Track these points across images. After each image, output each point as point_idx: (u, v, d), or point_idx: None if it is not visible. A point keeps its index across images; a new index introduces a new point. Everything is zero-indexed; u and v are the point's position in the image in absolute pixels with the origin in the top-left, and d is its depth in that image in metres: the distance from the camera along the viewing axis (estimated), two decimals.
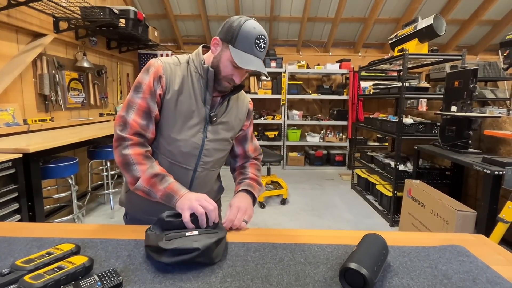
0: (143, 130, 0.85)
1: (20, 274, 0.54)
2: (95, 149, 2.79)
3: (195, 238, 0.67)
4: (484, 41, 4.98)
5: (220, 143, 0.97)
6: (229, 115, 0.98)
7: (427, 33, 2.64)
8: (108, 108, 3.96)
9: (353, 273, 0.55)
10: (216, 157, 0.97)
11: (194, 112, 0.89)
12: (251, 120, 1.08)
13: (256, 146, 1.11)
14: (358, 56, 5.23)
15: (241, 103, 1.03)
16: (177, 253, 0.62)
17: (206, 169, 0.96)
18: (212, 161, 0.96)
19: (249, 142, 1.09)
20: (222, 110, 0.96)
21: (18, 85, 2.50)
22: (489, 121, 2.33)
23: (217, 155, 0.97)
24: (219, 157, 0.99)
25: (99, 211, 3.07)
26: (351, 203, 3.38)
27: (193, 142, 0.90)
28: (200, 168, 0.94)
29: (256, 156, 1.12)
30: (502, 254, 0.72)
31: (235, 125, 1.01)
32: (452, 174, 2.62)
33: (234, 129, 1.01)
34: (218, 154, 0.98)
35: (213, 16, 4.71)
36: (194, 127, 0.90)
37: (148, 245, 0.66)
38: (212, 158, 0.96)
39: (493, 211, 1.75)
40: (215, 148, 0.95)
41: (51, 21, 2.77)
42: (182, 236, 0.68)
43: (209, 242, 0.65)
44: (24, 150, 1.80)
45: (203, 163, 0.94)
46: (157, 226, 0.73)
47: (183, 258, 0.62)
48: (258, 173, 1.08)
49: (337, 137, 4.95)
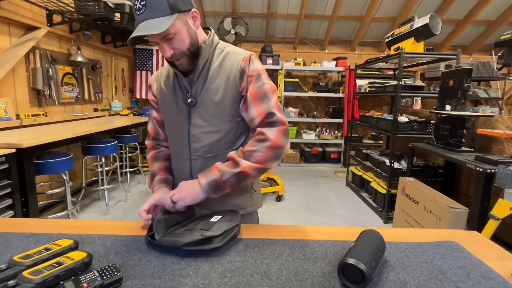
0: (156, 135, 1.03)
1: (18, 270, 0.54)
2: (89, 145, 2.75)
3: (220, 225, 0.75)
4: (478, 41, 5.04)
5: (208, 125, 0.87)
6: (211, 82, 0.86)
7: (423, 32, 2.66)
8: (103, 104, 3.91)
9: (351, 269, 0.56)
10: (207, 141, 0.88)
11: (177, 102, 0.91)
12: (248, 80, 0.86)
13: (263, 109, 0.84)
14: (354, 54, 5.25)
15: (228, 63, 0.87)
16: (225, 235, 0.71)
17: (200, 156, 0.90)
18: (204, 147, 0.89)
19: (253, 107, 0.85)
20: (200, 86, 0.87)
21: (10, 79, 2.46)
22: (482, 120, 2.37)
23: (208, 139, 0.88)
24: (212, 141, 0.88)
25: (93, 207, 3.05)
26: (345, 200, 3.41)
27: (180, 130, 0.91)
28: (193, 156, 0.90)
29: (262, 121, 0.84)
30: (495, 250, 0.74)
31: (223, 88, 0.86)
32: (445, 172, 2.66)
33: (223, 94, 0.86)
34: (209, 137, 0.88)
35: (209, 11, 4.67)
36: (178, 116, 0.91)
37: (189, 242, 0.67)
38: (202, 143, 0.89)
39: (484, 208, 1.78)
40: (204, 131, 0.88)
41: (44, 14, 2.72)
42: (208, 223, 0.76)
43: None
44: (17, 145, 1.77)
45: (194, 150, 0.90)
46: (160, 226, 0.73)
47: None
48: (241, 153, 0.82)
49: (333, 134, 4.98)
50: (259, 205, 1.02)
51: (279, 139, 0.82)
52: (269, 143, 0.81)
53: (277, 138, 0.82)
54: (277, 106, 0.86)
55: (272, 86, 0.88)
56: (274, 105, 0.85)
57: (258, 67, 0.88)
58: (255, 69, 0.87)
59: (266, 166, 0.82)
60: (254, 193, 0.99)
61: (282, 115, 0.85)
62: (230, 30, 4.43)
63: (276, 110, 0.84)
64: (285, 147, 0.84)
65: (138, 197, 3.36)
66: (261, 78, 0.87)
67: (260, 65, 0.89)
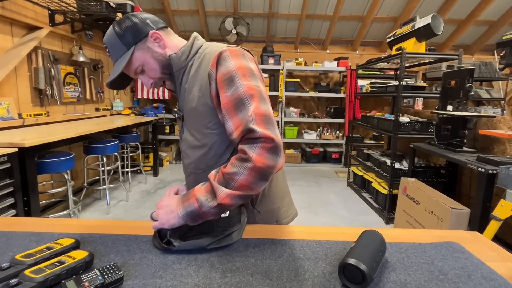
0: None
1: (20, 269, 0.54)
2: (91, 144, 2.76)
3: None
4: (480, 41, 5.02)
5: (194, 139, 0.81)
6: (189, 92, 0.79)
7: (425, 32, 2.66)
8: (104, 103, 3.92)
9: (352, 269, 0.56)
10: (194, 157, 0.82)
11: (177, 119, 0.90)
12: (217, 86, 0.71)
13: (240, 121, 0.67)
14: (356, 54, 5.24)
15: (202, 67, 0.77)
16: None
17: (191, 173, 0.86)
18: (193, 163, 0.84)
19: (228, 119, 0.70)
20: (183, 98, 0.81)
21: (12, 79, 2.47)
22: (484, 121, 2.36)
23: (194, 155, 0.82)
24: (198, 156, 0.81)
25: (95, 206, 3.06)
26: (346, 201, 3.41)
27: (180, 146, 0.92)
28: (186, 173, 0.89)
29: (241, 137, 0.67)
30: (496, 251, 0.74)
31: (197, 97, 0.77)
32: (446, 172, 2.65)
33: (197, 104, 0.77)
34: (195, 153, 0.82)
35: (211, 11, 4.67)
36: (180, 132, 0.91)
37: (214, 241, 0.69)
38: (190, 159, 0.84)
39: (486, 209, 1.78)
40: (190, 146, 0.83)
41: (46, 14, 2.73)
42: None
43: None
44: (20, 145, 1.78)
45: (186, 166, 0.88)
46: (176, 234, 0.70)
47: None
48: (221, 175, 0.68)
49: (334, 134, 4.97)
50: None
51: (264, 158, 0.64)
52: (250, 164, 0.64)
53: (260, 157, 0.64)
54: (258, 116, 0.66)
55: (250, 88, 0.69)
56: (254, 116, 0.66)
57: (230, 67, 0.70)
58: (226, 71, 0.70)
59: (249, 192, 0.66)
60: (258, 215, 0.84)
61: (266, 128, 0.65)
62: (231, 30, 4.43)
63: (257, 124, 0.65)
64: (274, 166, 0.66)
65: (139, 196, 3.36)
66: (234, 81, 0.69)
67: (236, 62, 0.71)
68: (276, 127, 0.69)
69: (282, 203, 0.91)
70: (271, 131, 0.66)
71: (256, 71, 0.75)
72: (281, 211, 0.91)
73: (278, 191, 0.89)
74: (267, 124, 0.66)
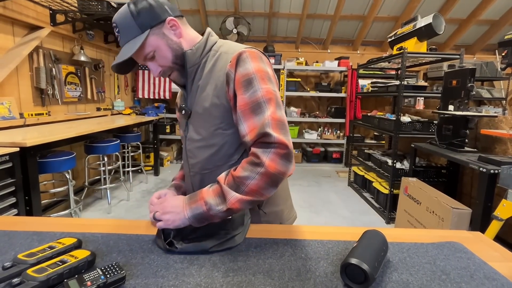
0: None
1: (22, 268, 0.54)
2: (92, 144, 2.77)
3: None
4: (481, 41, 5.01)
5: (201, 138, 0.79)
6: (202, 90, 0.77)
7: (426, 31, 2.65)
8: (105, 103, 3.92)
9: (354, 269, 0.56)
10: (201, 157, 0.80)
11: (181, 116, 0.87)
12: (235, 87, 0.71)
13: (256, 124, 0.68)
14: (357, 54, 5.23)
15: (218, 66, 0.75)
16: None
17: (197, 173, 0.83)
18: (199, 163, 0.81)
19: (243, 121, 0.70)
20: (194, 96, 0.79)
21: (14, 78, 2.47)
22: (485, 120, 2.36)
23: (202, 155, 0.80)
24: (205, 156, 0.79)
25: (96, 206, 3.06)
26: (347, 200, 3.40)
27: (183, 145, 0.87)
28: (191, 172, 0.85)
29: (255, 140, 0.68)
30: (498, 251, 0.74)
31: (211, 97, 0.75)
32: (448, 172, 2.65)
33: (211, 104, 0.75)
34: (202, 153, 0.80)
35: (211, 11, 4.67)
36: (181, 131, 0.88)
37: (216, 244, 0.68)
38: (197, 159, 0.82)
39: (488, 209, 1.77)
40: (197, 146, 0.80)
41: (47, 13, 2.73)
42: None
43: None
44: (21, 144, 1.78)
45: (191, 166, 0.84)
46: (179, 235, 0.71)
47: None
48: (231, 179, 0.68)
49: (335, 134, 4.97)
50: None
51: (276, 163, 0.65)
52: (263, 169, 0.65)
53: (273, 162, 0.65)
54: (274, 120, 0.67)
55: (268, 92, 0.69)
56: (270, 120, 0.66)
57: (249, 69, 0.70)
58: (245, 73, 0.70)
59: (259, 198, 0.67)
60: (264, 216, 0.84)
61: (281, 133, 0.66)
62: (232, 30, 4.43)
63: (272, 128, 0.65)
64: (285, 172, 0.66)
65: (140, 196, 3.37)
66: (253, 84, 0.69)
67: (255, 64, 0.71)
68: (289, 134, 0.70)
69: (286, 205, 0.92)
70: (286, 137, 0.67)
71: (272, 76, 0.75)
72: (285, 213, 0.91)
73: (282, 193, 0.90)
74: (282, 130, 0.67)
